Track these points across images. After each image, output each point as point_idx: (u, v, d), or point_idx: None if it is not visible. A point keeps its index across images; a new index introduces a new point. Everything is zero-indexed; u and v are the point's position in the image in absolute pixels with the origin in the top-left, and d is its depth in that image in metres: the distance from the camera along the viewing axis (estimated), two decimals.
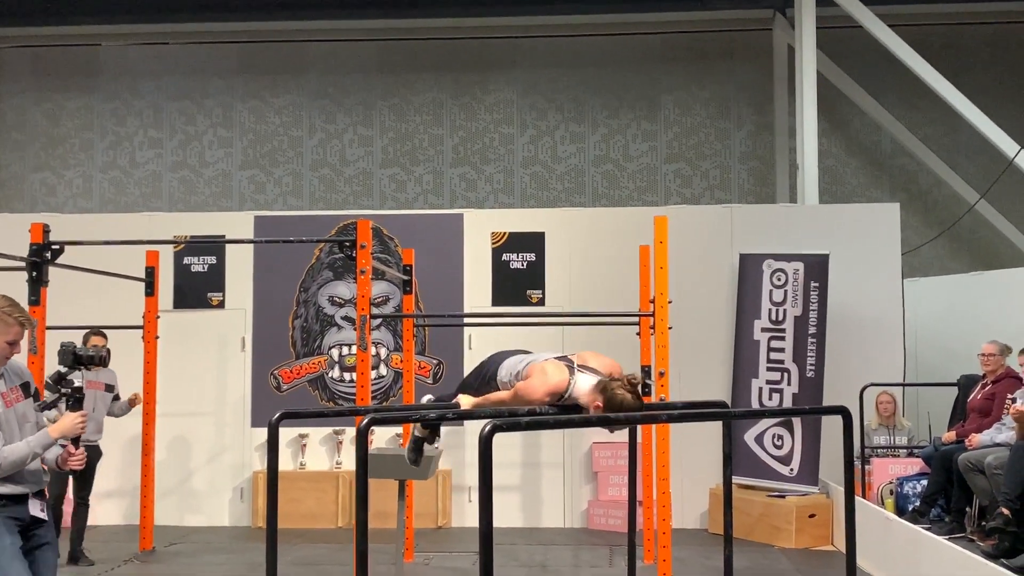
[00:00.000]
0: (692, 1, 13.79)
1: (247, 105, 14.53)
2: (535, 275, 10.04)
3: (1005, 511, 6.59)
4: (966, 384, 8.88)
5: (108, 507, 9.88)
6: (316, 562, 8.13)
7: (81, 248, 7.17)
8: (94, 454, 7.86)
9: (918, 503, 8.10)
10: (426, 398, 5.46)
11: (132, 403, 8.27)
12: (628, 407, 4.38)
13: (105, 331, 8.07)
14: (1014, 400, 7.61)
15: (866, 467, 8.85)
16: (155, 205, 14.28)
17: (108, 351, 5.83)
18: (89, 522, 8.04)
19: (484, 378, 4.96)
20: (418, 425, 5.06)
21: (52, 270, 6.90)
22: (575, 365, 4.69)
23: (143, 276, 8.69)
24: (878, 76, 13.69)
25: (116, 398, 8.25)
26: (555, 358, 4.76)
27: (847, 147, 14.18)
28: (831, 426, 8.84)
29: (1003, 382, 8.06)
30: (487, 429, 3.20)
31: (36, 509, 4.19)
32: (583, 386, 4.57)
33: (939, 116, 13.48)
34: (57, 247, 6.84)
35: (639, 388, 4.48)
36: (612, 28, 14.17)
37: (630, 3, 13.86)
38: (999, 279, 10.69)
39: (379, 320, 9.82)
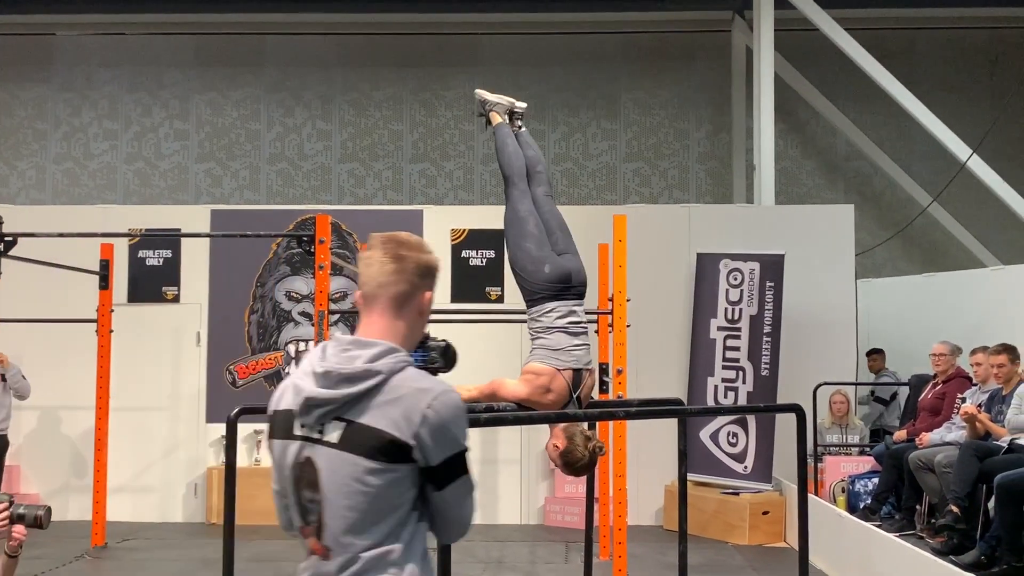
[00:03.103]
0: (652, 1, 13.87)
1: (204, 97, 14.39)
2: (495, 272, 10.04)
3: (954, 508, 6.71)
4: (917, 384, 9.03)
5: (60, 503, 9.74)
6: (271, 558, 8.08)
7: (34, 240, 7.07)
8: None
9: (869, 501, 8.21)
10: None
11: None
12: (581, 468, 4.42)
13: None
14: (964, 400, 7.75)
15: (819, 465, 8.96)
16: (110, 197, 14.10)
17: None
18: None
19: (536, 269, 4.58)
20: (494, 116, 5.13)
21: (4, 262, 6.80)
22: None
23: (97, 269, 8.58)
24: (834, 79, 13.85)
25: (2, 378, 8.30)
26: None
27: (803, 149, 14.33)
28: (785, 424, 8.94)
29: (953, 382, 8.21)
30: None
31: None
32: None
33: (893, 119, 13.67)
34: (10, 239, 6.75)
35: (597, 452, 4.43)
36: (572, 27, 14.21)
37: (591, 2, 13.91)
38: (950, 280, 10.86)
39: (337, 316, 9.79)
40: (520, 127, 5.21)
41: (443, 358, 3.34)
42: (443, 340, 3.31)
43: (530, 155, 5.01)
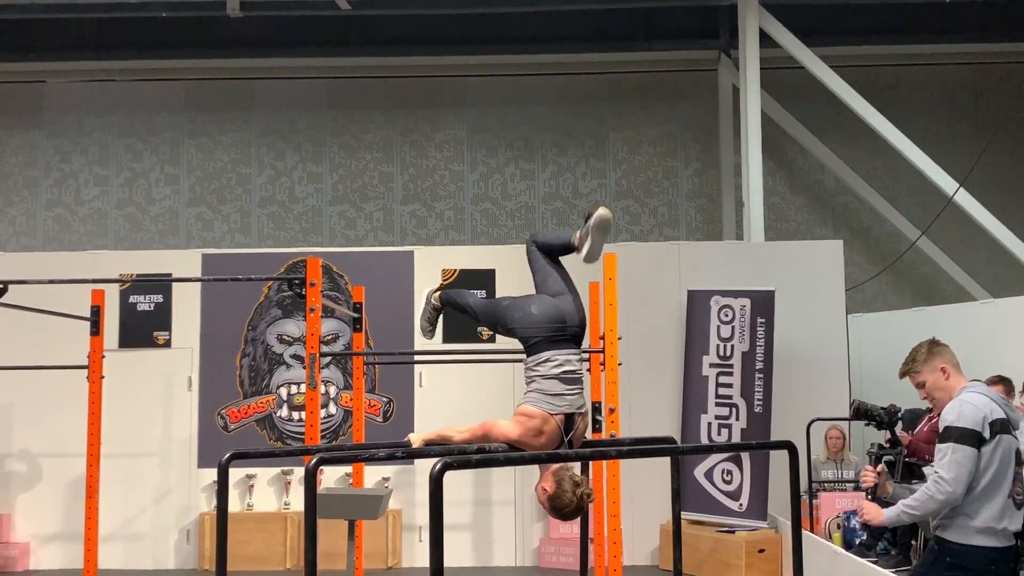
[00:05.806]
0: (638, 42, 13.99)
1: (194, 142, 14.43)
2: None
3: None
4: (910, 419, 9.01)
5: (51, 551, 9.66)
6: None
7: (24, 287, 7.06)
8: None
9: (865, 536, 8.18)
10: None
11: None
12: (568, 513, 4.38)
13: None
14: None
15: (814, 501, 8.93)
16: (100, 243, 14.09)
17: None
18: (31, 566, 7.86)
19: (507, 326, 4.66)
20: (437, 295, 5.19)
21: None
22: None
23: (88, 315, 8.56)
24: (821, 116, 13.94)
25: None
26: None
27: (791, 185, 14.41)
28: (779, 461, 8.90)
29: None
30: (438, 467, 3.19)
31: None
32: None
33: (880, 155, 13.76)
34: (0, 286, 6.73)
35: (585, 499, 4.39)
36: (560, 68, 14.32)
37: (577, 43, 14.02)
38: (941, 314, 10.89)
39: (328, 358, 9.76)
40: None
41: None
42: None
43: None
